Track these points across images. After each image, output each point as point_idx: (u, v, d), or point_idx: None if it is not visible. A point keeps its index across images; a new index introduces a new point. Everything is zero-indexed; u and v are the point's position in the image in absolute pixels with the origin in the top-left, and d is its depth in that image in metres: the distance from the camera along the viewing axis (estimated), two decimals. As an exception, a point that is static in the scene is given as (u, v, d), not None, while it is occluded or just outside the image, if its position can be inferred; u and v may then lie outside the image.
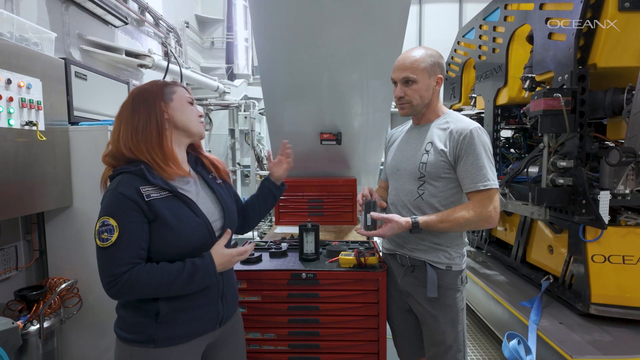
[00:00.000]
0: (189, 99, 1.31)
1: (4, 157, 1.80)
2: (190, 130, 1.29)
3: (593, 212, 2.09)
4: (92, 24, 3.22)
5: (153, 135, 1.20)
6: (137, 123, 1.22)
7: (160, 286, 1.12)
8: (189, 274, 1.14)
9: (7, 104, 1.81)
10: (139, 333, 1.18)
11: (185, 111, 1.28)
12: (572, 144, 2.26)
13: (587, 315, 2.19)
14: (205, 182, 1.35)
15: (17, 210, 1.91)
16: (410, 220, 1.45)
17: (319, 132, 3.01)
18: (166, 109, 1.24)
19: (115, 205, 1.12)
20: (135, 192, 1.13)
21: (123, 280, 1.09)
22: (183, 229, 1.17)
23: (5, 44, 1.83)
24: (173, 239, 1.16)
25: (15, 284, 2.29)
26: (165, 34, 4.59)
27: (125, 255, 1.10)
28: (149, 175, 1.16)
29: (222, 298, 1.29)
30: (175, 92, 1.29)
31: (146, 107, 1.23)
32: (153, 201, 1.14)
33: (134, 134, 1.21)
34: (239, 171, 5.68)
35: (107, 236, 1.09)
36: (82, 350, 2.37)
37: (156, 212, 1.14)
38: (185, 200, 1.21)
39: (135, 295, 1.16)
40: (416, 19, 7.92)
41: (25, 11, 2.53)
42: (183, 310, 1.20)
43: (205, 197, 1.31)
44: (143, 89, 1.28)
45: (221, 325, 1.31)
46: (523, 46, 2.96)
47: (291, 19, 2.29)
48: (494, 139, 3.34)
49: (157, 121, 1.22)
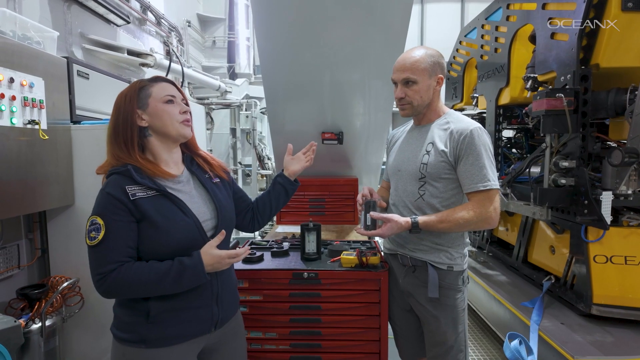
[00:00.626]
0: (167, 97, 1.25)
1: (6, 155, 1.80)
2: (170, 134, 1.25)
3: (595, 212, 2.09)
4: (94, 23, 3.23)
5: (128, 144, 1.21)
6: (114, 131, 1.23)
7: (149, 284, 1.12)
8: (177, 272, 1.14)
9: (9, 103, 1.81)
10: (132, 333, 1.18)
11: (162, 116, 1.23)
12: (574, 144, 2.26)
13: (588, 316, 2.18)
14: (200, 181, 1.33)
15: (19, 209, 1.91)
16: (410, 220, 1.45)
17: (320, 131, 3.01)
18: (143, 116, 1.22)
19: (102, 205, 1.14)
20: (121, 192, 1.14)
21: (111, 278, 1.10)
22: (170, 227, 1.17)
23: (7, 42, 1.83)
24: (160, 238, 1.16)
25: (18, 282, 2.29)
26: (167, 33, 4.59)
27: (112, 253, 1.11)
28: (136, 175, 1.17)
29: (216, 300, 1.28)
30: (151, 95, 1.24)
31: (121, 117, 1.22)
32: (139, 200, 1.15)
33: (108, 139, 1.24)
34: (240, 170, 5.68)
35: (94, 235, 1.11)
36: (84, 349, 2.38)
37: (142, 211, 1.14)
38: (173, 200, 1.20)
39: (124, 294, 1.16)
40: (418, 18, 7.92)
41: (28, 10, 2.54)
42: (174, 311, 1.20)
43: (198, 196, 1.30)
44: (120, 97, 1.25)
45: (217, 328, 1.30)
46: (525, 46, 2.95)
47: (293, 19, 2.29)
48: (495, 139, 3.34)
49: (130, 131, 1.21)
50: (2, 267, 2.19)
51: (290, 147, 1.67)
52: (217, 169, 1.42)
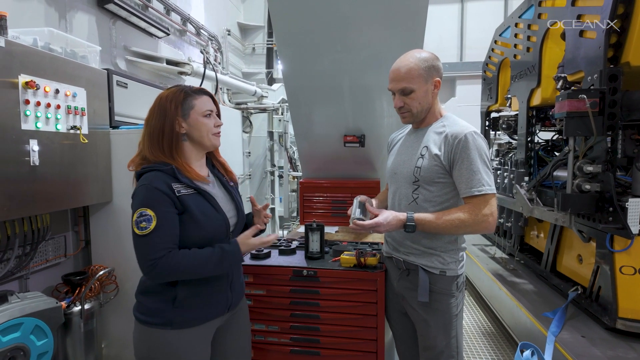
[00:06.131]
0: (207, 112, 1.41)
1: (51, 157, 2.05)
2: (204, 144, 1.42)
3: (620, 220, 1.96)
4: (136, 36, 3.53)
5: (172, 147, 1.36)
6: (152, 129, 1.38)
7: (195, 267, 1.28)
8: (219, 257, 1.31)
9: (55, 111, 2.07)
10: (158, 316, 1.33)
11: (200, 127, 1.39)
12: (600, 147, 2.13)
13: (613, 330, 2.05)
14: (222, 183, 1.51)
15: (62, 204, 2.16)
16: (406, 214, 1.45)
17: (342, 134, 3.07)
18: (183, 124, 1.38)
19: (151, 198, 1.27)
20: (167, 187, 1.29)
21: (162, 263, 1.24)
22: (206, 222, 1.34)
23: (54, 57, 2.09)
24: (197, 231, 1.32)
25: (64, 269, 2.59)
26: (206, 42, 4.87)
27: (162, 241, 1.25)
28: (178, 174, 1.33)
29: (230, 285, 1.45)
30: (194, 107, 1.39)
31: (162, 119, 1.37)
32: (182, 196, 1.31)
33: (149, 137, 1.38)
34: (276, 171, 5.87)
35: (145, 225, 1.24)
36: (118, 332, 2.62)
37: (185, 206, 1.30)
38: (208, 198, 1.38)
39: (173, 277, 1.30)
40: (458, 17, 7.67)
41: (78, 27, 2.85)
42: (197, 296, 1.35)
43: (223, 196, 1.48)
44: (166, 101, 1.38)
45: (229, 310, 1.47)
46: (558, 44, 2.82)
47: (311, 26, 2.37)
48: (527, 142, 3.20)
49: (175, 136, 1.37)
50: (51, 255, 2.48)
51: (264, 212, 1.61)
52: (230, 174, 1.59)
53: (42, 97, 1.99)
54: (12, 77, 1.83)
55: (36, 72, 1.95)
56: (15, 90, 1.85)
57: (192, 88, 1.43)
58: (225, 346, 1.50)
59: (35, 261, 2.33)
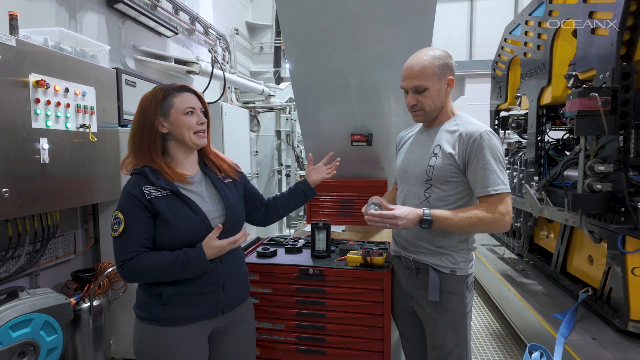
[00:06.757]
0: (188, 109, 1.36)
1: (61, 155, 2.08)
2: (186, 143, 1.38)
3: (632, 220, 1.93)
4: (145, 35, 3.56)
5: (151, 147, 1.35)
6: (134, 131, 1.37)
7: (159, 271, 1.28)
8: (182, 261, 1.28)
9: (64, 110, 2.10)
10: (148, 312, 1.34)
11: (180, 125, 1.35)
12: (612, 146, 2.10)
13: (624, 333, 2.02)
14: (212, 182, 1.46)
15: (71, 201, 2.19)
16: (423, 210, 1.41)
17: (349, 133, 3.06)
18: (164, 123, 1.35)
19: (123, 202, 1.30)
20: (138, 191, 1.29)
21: (128, 265, 1.26)
22: (180, 224, 1.31)
23: (64, 57, 2.12)
24: (171, 232, 1.31)
25: (74, 266, 2.62)
26: (214, 41, 4.90)
27: (130, 244, 1.27)
28: (152, 176, 1.32)
29: (222, 287, 1.41)
30: (173, 106, 1.35)
31: (141, 120, 1.35)
32: (153, 199, 1.30)
33: (131, 139, 1.37)
34: (284, 170, 5.88)
35: (116, 227, 1.28)
36: (126, 328, 2.65)
37: (156, 208, 1.30)
38: (184, 199, 1.35)
39: (140, 279, 1.33)
40: (467, 15, 7.59)
41: (87, 27, 2.88)
42: (183, 295, 1.34)
43: (208, 196, 1.43)
44: (146, 101, 1.37)
45: (225, 313, 1.43)
46: (569, 42, 2.77)
47: (318, 24, 2.37)
48: (537, 141, 3.16)
49: (154, 135, 1.35)
50: (61, 252, 2.52)
51: (310, 157, 1.77)
52: (228, 171, 1.54)
53: (52, 95, 2.01)
54: (23, 76, 1.86)
55: (46, 71, 1.98)
56: (26, 89, 1.87)
57: (172, 86, 1.40)
58: (223, 352, 1.47)
59: (45, 258, 2.37)
